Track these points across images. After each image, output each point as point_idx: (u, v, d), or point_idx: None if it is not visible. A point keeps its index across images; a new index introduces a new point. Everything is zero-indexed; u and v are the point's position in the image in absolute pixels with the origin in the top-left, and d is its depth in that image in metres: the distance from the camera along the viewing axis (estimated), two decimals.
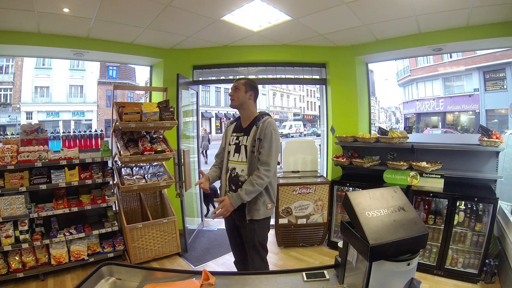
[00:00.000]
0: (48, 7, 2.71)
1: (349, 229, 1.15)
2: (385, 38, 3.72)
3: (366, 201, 1.14)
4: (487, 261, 2.68)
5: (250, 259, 2.05)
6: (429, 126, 19.45)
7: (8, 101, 18.35)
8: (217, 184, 2.34)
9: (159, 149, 3.34)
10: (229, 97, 2.12)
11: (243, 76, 2.15)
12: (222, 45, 4.06)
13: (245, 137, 2.03)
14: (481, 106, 15.86)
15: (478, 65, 15.65)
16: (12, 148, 2.88)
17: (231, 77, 4.53)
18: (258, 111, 2.16)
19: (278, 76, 4.36)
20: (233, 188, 2.03)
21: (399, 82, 22.75)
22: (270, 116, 2.09)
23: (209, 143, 13.11)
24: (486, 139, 2.83)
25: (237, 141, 2.07)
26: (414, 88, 20.95)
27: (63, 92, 19.98)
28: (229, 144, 2.10)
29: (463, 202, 2.84)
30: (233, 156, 2.06)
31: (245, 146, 2.01)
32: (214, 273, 1.40)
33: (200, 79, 4.38)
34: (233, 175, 2.04)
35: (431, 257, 2.96)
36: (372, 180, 3.46)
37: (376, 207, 1.12)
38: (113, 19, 3.06)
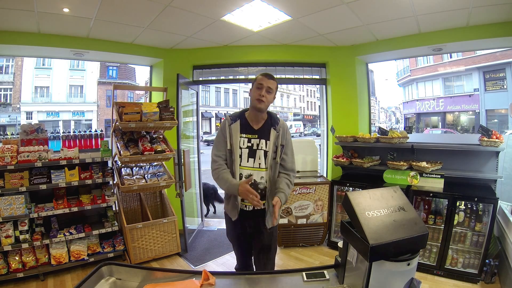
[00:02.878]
0: (48, 7, 2.71)
1: (349, 229, 1.15)
2: (385, 38, 3.72)
3: (366, 201, 1.14)
4: (487, 261, 2.69)
5: (262, 263, 1.96)
6: (429, 126, 19.45)
7: (8, 101, 18.34)
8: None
9: (159, 149, 3.33)
10: (258, 96, 1.82)
11: (268, 73, 1.91)
12: (222, 45, 4.06)
13: (263, 140, 1.86)
14: (481, 106, 15.86)
15: (478, 65, 15.65)
16: (12, 148, 2.88)
17: (231, 77, 4.53)
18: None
19: (278, 76, 4.35)
20: None
21: (399, 82, 22.75)
22: None
23: None
24: (486, 139, 2.83)
25: (249, 144, 1.85)
26: (414, 88, 20.95)
27: (63, 92, 19.97)
28: (239, 147, 1.86)
29: (463, 202, 2.84)
30: (247, 161, 1.85)
31: (265, 152, 1.85)
32: (214, 273, 1.40)
33: (200, 79, 4.38)
34: (250, 182, 1.84)
35: (431, 257, 2.96)
36: (372, 180, 3.46)
37: (376, 207, 1.12)
38: (113, 19, 3.06)
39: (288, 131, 1.94)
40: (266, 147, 1.85)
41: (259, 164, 1.85)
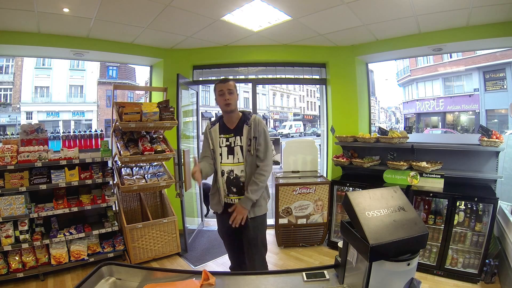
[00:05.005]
0: (48, 7, 2.71)
1: (349, 229, 1.15)
2: (385, 38, 3.72)
3: (366, 201, 1.14)
4: (487, 261, 2.68)
5: (250, 259, 2.05)
6: (429, 126, 19.43)
7: (8, 101, 18.32)
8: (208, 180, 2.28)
9: (159, 149, 3.34)
10: (224, 101, 2.02)
11: (227, 77, 2.23)
12: (222, 45, 4.06)
13: (238, 137, 2.04)
14: (481, 106, 15.84)
15: (478, 65, 15.64)
16: (12, 148, 2.88)
17: (231, 77, 4.53)
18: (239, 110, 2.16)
19: (278, 76, 4.36)
20: (234, 190, 2.05)
21: (399, 82, 22.73)
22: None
23: None
24: (486, 139, 2.83)
25: (227, 143, 2.06)
26: (414, 88, 20.93)
27: (63, 92, 19.96)
28: (220, 146, 2.07)
29: (463, 202, 2.84)
30: (227, 158, 2.05)
31: (241, 147, 2.03)
32: (214, 273, 1.40)
33: (200, 79, 4.38)
34: (231, 177, 2.04)
35: (431, 257, 2.96)
36: (372, 180, 3.45)
37: (376, 207, 1.12)
38: (113, 19, 3.06)
39: (260, 123, 2.05)
40: (241, 142, 2.04)
41: (238, 159, 2.04)
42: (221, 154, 2.06)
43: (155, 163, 3.75)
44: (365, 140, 3.59)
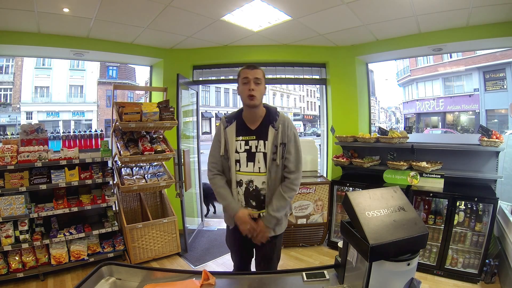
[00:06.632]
0: (48, 7, 2.71)
1: (349, 229, 1.15)
2: (385, 38, 3.72)
3: (366, 201, 1.14)
4: (487, 261, 2.69)
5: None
6: (429, 126, 19.43)
7: (8, 101, 18.33)
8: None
9: (159, 149, 3.34)
10: (248, 91, 1.65)
11: (252, 63, 1.80)
12: (222, 45, 4.06)
13: (261, 141, 1.68)
14: (481, 106, 15.85)
15: (478, 65, 15.64)
16: (12, 148, 2.88)
17: (231, 77, 4.52)
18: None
19: (278, 76, 4.36)
20: (253, 204, 1.73)
21: (399, 82, 22.74)
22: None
23: None
24: (486, 139, 2.83)
25: (247, 147, 1.69)
26: (414, 88, 20.94)
27: (63, 92, 19.95)
28: (236, 152, 1.70)
29: (463, 202, 2.84)
30: (246, 166, 1.69)
31: (264, 154, 1.67)
32: (214, 273, 1.40)
33: (200, 79, 4.38)
34: (251, 189, 1.71)
35: (431, 257, 2.96)
36: (372, 180, 3.46)
37: (376, 207, 1.12)
38: (113, 19, 3.06)
39: (289, 125, 1.70)
40: (265, 149, 1.67)
41: (259, 168, 1.69)
42: (238, 161, 1.70)
43: (155, 163, 3.75)
44: (365, 140, 3.59)
